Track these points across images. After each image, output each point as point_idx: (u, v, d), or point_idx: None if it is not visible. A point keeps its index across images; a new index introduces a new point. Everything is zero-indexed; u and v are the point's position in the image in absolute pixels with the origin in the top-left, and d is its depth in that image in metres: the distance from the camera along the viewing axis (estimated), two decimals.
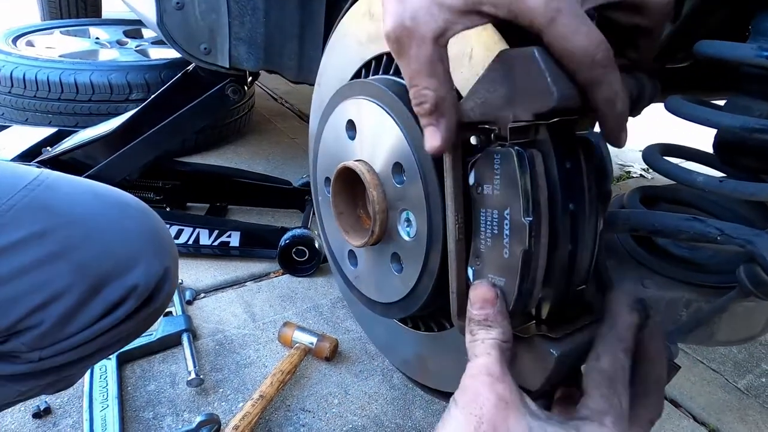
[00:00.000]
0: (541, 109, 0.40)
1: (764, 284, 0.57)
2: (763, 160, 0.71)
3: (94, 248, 0.61)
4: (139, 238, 0.65)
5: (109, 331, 0.63)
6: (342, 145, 0.64)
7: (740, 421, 1.20)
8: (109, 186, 0.69)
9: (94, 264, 0.61)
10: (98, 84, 1.86)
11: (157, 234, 0.68)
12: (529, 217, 0.44)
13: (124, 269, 0.62)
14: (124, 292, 0.62)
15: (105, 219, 0.64)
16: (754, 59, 0.62)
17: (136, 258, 0.64)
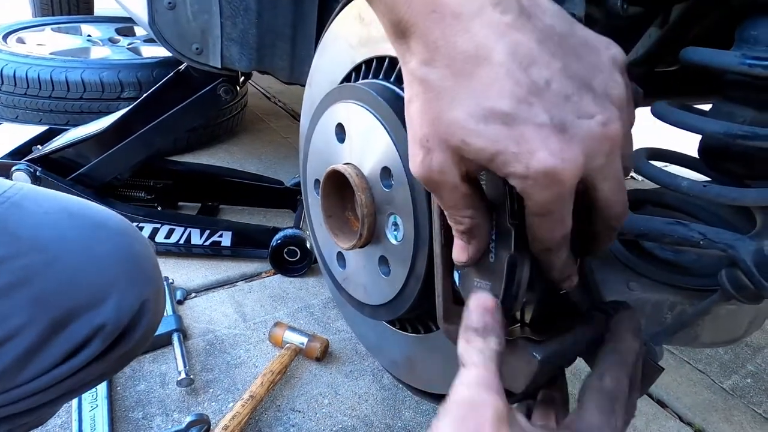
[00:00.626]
0: None
1: (745, 288, 0.58)
2: (746, 166, 0.72)
3: (57, 278, 0.53)
4: (113, 265, 0.57)
5: (71, 376, 0.55)
6: (331, 148, 0.64)
7: (725, 422, 1.22)
8: (87, 203, 0.61)
9: (56, 297, 0.53)
10: (89, 82, 1.85)
11: (135, 260, 0.59)
12: (515, 221, 0.44)
13: (92, 303, 0.54)
14: (91, 331, 0.54)
15: (74, 243, 0.56)
16: (737, 66, 0.63)
17: (106, 290, 0.55)
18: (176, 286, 1.40)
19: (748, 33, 0.66)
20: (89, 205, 0.61)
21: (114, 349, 0.57)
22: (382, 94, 0.55)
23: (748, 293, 0.58)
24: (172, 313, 1.26)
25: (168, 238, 1.49)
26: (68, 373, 0.54)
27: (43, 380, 0.53)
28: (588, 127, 0.33)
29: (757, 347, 1.47)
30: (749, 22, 0.66)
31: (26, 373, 0.52)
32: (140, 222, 1.46)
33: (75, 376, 0.55)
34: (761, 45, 0.64)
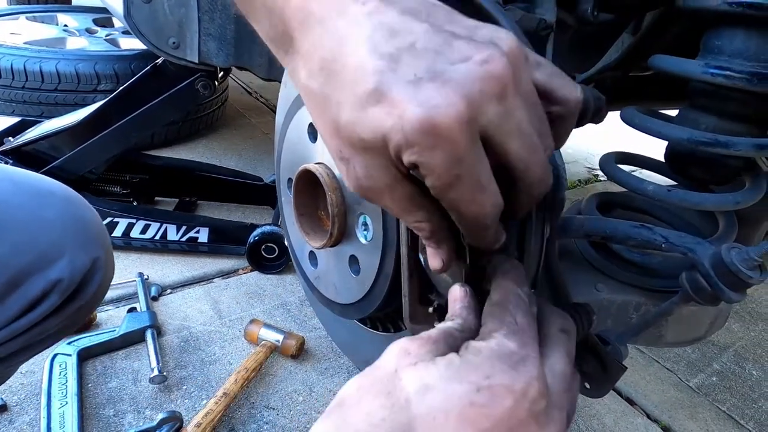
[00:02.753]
0: None
1: (703, 290, 0.60)
2: (709, 171, 0.74)
3: (10, 241, 0.56)
4: (62, 228, 0.60)
5: (30, 329, 0.58)
6: (304, 148, 0.64)
7: (691, 419, 1.25)
8: (30, 172, 0.64)
9: (9, 257, 0.56)
10: (65, 73, 1.81)
11: (83, 223, 0.63)
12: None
13: (45, 262, 0.57)
14: (46, 286, 0.57)
15: (23, 208, 0.59)
16: (701, 75, 0.65)
17: (58, 250, 0.58)
18: (151, 282, 1.39)
19: (712, 42, 0.68)
20: (31, 174, 0.64)
21: (70, 303, 0.61)
22: None
23: (706, 295, 0.60)
24: (145, 310, 1.25)
25: (143, 234, 1.47)
26: (27, 326, 0.57)
27: (3, 333, 0.56)
28: (465, 69, 0.29)
29: (723, 346, 1.51)
30: (713, 32, 0.68)
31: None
32: (115, 217, 1.44)
33: (34, 329, 0.59)
34: (724, 55, 0.67)
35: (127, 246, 1.48)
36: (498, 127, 0.30)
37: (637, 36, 0.96)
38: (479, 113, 0.29)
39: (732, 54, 0.66)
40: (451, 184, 0.30)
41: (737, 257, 0.57)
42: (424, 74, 0.28)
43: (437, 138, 0.28)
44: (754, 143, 0.66)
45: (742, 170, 0.77)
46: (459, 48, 0.29)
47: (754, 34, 0.63)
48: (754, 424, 1.26)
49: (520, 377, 0.30)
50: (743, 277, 0.56)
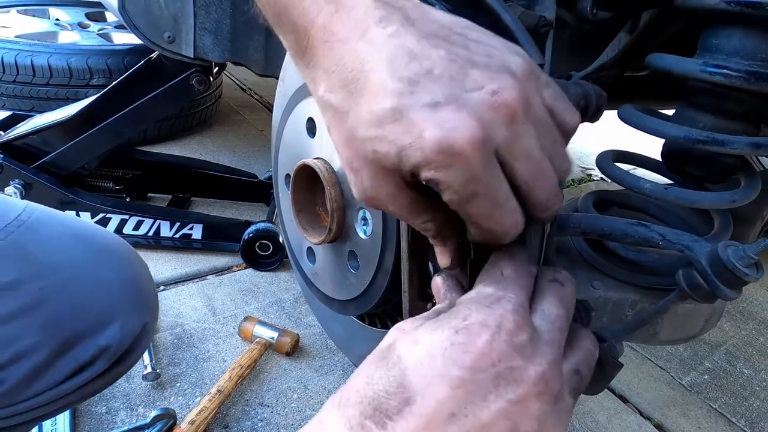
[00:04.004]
0: None
1: (700, 288, 0.60)
2: (705, 170, 0.75)
3: (68, 301, 0.57)
4: (118, 290, 0.61)
5: (73, 392, 0.58)
6: (302, 143, 0.64)
7: (683, 416, 1.26)
8: (94, 225, 0.65)
9: (66, 320, 0.56)
10: (57, 67, 1.79)
11: (138, 285, 0.64)
12: None
13: (99, 326, 0.58)
14: (96, 352, 0.58)
15: (84, 268, 0.59)
16: (698, 74, 0.66)
17: (112, 314, 0.59)
18: None
19: (710, 42, 0.69)
20: (96, 229, 0.65)
21: (115, 367, 0.61)
22: None
23: (702, 293, 0.60)
24: None
25: (136, 230, 1.46)
26: (71, 389, 0.58)
27: (48, 395, 0.56)
28: (477, 97, 0.31)
29: (714, 345, 1.53)
30: (711, 31, 0.68)
31: (33, 388, 0.55)
32: (107, 213, 1.43)
33: (76, 392, 0.59)
34: (722, 54, 0.67)
35: None
36: (507, 149, 0.32)
37: (634, 34, 0.96)
38: (492, 136, 0.31)
39: (730, 53, 0.66)
40: (468, 199, 0.33)
41: (734, 255, 0.57)
42: (441, 99, 0.31)
43: (454, 157, 0.30)
44: (750, 142, 0.66)
45: (738, 169, 0.77)
46: (473, 77, 0.32)
47: (751, 32, 0.64)
48: (745, 421, 1.27)
49: (494, 312, 0.32)
50: (740, 274, 0.56)
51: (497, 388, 0.30)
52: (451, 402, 0.29)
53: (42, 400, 0.57)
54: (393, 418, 0.30)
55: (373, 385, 0.31)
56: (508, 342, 0.31)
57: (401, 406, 0.30)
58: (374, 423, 0.30)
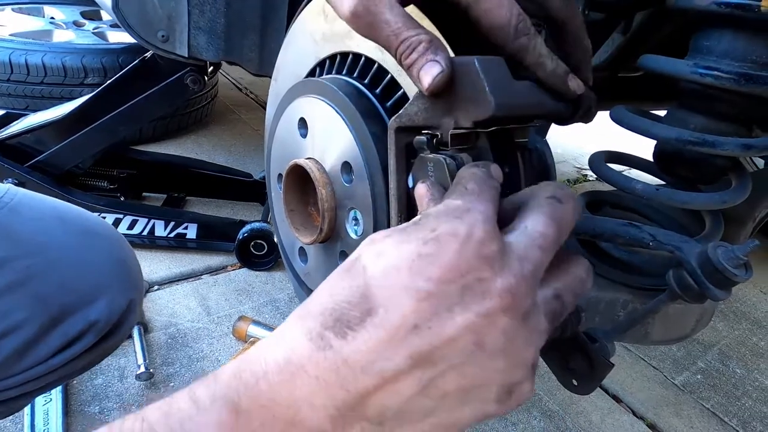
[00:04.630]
0: (480, 117, 0.41)
1: (690, 288, 0.60)
2: (696, 171, 0.75)
3: (55, 279, 0.58)
4: (104, 268, 0.63)
5: (63, 366, 0.60)
6: (294, 143, 0.64)
7: (675, 416, 1.27)
8: (77, 209, 0.67)
9: (54, 295, 0.58)
10: (51, 66, 1.78)
11: (124, 265, 0.66)
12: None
13: (86, 302, 0.60)
14: (84, 326, 0.60)
15: (69, 248, 0.61)
16: (690, 75, 0.66)
17: (99, 290, 0.61)
18: None
19: (701, 43, 0.69)
20: (79, 211, 0.66)
21: (104, 342, 0.63)
22: (344, 89, 0.55)
23: (692, 293, 0.61)
24: None
25: (131, 229, 1.46)
26: (61, 363, 0.59)
27: (39, 369, 0.58)
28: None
29: (707, 345, 1.53)
30: (702, 32, 0.68)
31: (24, 362, 0.57)
32: (101, 212, 1.43)
33: (67, 365, 0.60)
34: (713, 55, 0.67)
35: None
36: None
37: (627, 36, 0.96)
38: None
39: (720, 54, 0.66)
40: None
41: (723, 256, 0.57)
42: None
43: None
44: (740, 143, 0.67)
45: (729, 170, 0.78)
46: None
47: (742, 34, 0.64)
48: (738, 421, 1.28)
49: (463, 222, 0.30)
50: (729, 275, 0.57)
51: (463, 299, 0.29)
52: (414, 314, 0.28)
53: (32, 374, 0.58)
54: (354, 328, 0.29)
55: (335, 296, 0.30)
56: (477, 252, 0.29)
57: (363, 316, 0.29)
58: (334, 333, 0.29)
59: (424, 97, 0.45)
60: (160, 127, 2.05)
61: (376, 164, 0.52)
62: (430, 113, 0.45)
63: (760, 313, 1.71)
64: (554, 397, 1.24)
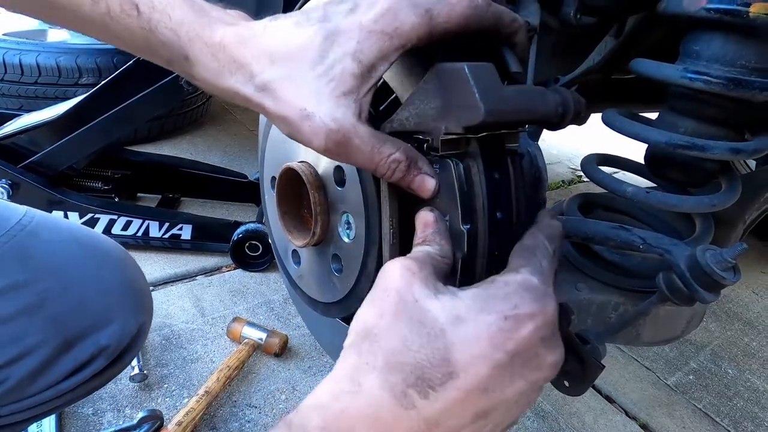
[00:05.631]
0: (470, 123, 0.42)
1: (679, 291, 0.61)
2: (686, 174, 0.75)
3: (70, 302, 0.59)
4: (117, 292, 0.63)
5: (71, 390, 0.60)
6: (287, 146, 0.64)
7: (668, 416, 1.28)
8: (90, 230, 0.67)
9: (69, 319, 0.58)
10: (45, 66, 1.78)
11: (135, 287, 0.66)
12: (467, 225, 0.46)
13: (99, 326, 0.60)
14: (96, 351, 0.60)
15: (85, 271, 0.61)
16: (679, 80, 0.67)
17: (112, 314, 0.61)
18: None
19: (691, 48, 0.69)
20: (94, 234, 0.67)
21: (113, 366, 0.63)
22: None
23: (681, 296, 0.61)
24: None
25: (125, 230, 1.46)
26: (70, 387, 0.60)
27: (48, 394, 0.58)
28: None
29: (700, 345, 1.54)
30: (692, 37, 0.69)
31: (36, 386, 0.57)
32: (95, 213, 1.42)
33: (75, 390, 0.61)
34: (702, 60, 0.68)
35: None
36: None
37: (619, 39, 0.97)
38: None
39: (710, 59, 0.67)
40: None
41: (712, 259, 0.58)
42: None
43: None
44: (730, 147, 0.67)
45: (719, 173, 0.79)
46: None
47: (731, 39, 0.65)
48: (729, 421, 1.29)
49: (543, 308, 0.35)
50: (717, 278, 0.57)
51: (523, 370, 0.34)
52: (488, 379, 0.33)
53: (41, 399, 0.58)
54: (436, 389, 0.32)
55: (414, 352, 0.33)
56: (544, 335, 0.35)
57: (444, 379, 0.32)
58: (417, 392, 0.32)
59: (415, 103, 0.45)
60: (155, 127, 2.05)
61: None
62: (421, 119, 0.45)
63: (752, 314, 1.73)
64: (547, 397, 1.25)
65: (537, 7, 0.69)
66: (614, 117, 0.76)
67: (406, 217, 0.50)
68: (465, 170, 0.45)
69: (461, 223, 0.45)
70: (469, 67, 0.41)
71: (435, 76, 0.44)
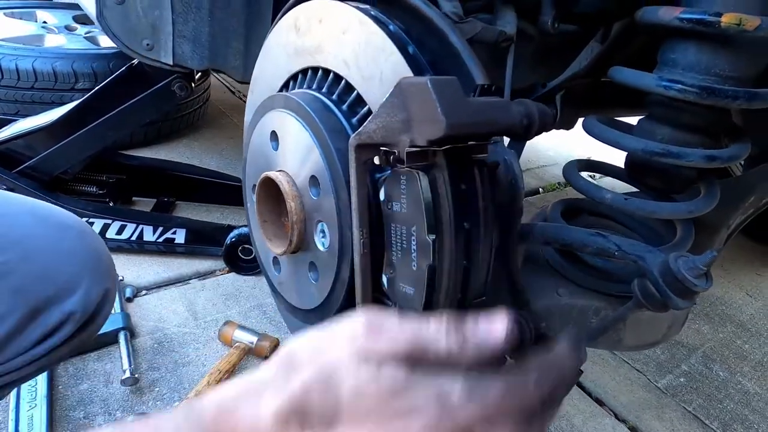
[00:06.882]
0: (433, 136, 0.43)
1: (653, 297, 0.62)
2: (664, 180, 0.76)
3: (32, 271, 0.60)
4: (79, 260, 0.64)
5: (44, 356, 0.62)
6: (267, 155, 0.65)
7: (657, 419, 1.28)
8: (47, 204, 0.68)
9: (33, 288, 0.60)
10: (42, 71, 1.79)
11: (97, 255, 0.67)
12: (433, 235, 0.47)
13: (63, 294, 0.61)
14: (63, 317, 0.61)
15: (43, 241, 0.63)
16: (655, 88, 0.67)
17: (76, 282, 0.63)
18: (126, 284, 1.38)
19: (667, 56, 0.70)
20: (49, 206, 0.68)
21: (82, 332, 0.65)
22: (312, 105, 0.56)
23: (655, 302, 0.62)
24: (119, 311, 1.24)
25: (119, 234, 1.47)
26: (43, 353, 0.62)
27: (21, 360, 0.60)
28: None
29: (692, 348, 1.55)
30: (668, 45, 0.70)
31: (6, 353, 0.59)
32: (90, 217, 1.44)
33: (47, 356, 0.62)
34: (678, 68, 0.69)
35: None
36: None
37: (605, 44, 0.98)
38: None
39: (686, 67, 0.68)
40: None
41: (684, 266, 0.59)
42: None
43: None
44: (705, 154, 0.68)
45: (699, 179, 0.79)
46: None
47: (705, 48, 0.65)
48: (719, 423, 1.29)
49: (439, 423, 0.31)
50: (689, 285, 0.58)
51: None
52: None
53: (14, 365, 0.60)
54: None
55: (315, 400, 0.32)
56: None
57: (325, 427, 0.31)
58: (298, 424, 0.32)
59: (382, 116, 0.46)
60: (152, 131, 2.06)
61: (341, 179, 0.53)
62: (387, 131, 0.46)
63: (745, 316, 1.73)
64: None
65: (513, 17, 0.70)
66: (593, 124, 0.77)
67: (375, 227, 0.51)
68: (431, 182, 0.46)
69: (426, 234, 0.46)
70: (432, 81, 0.42)
71: (399, 91, 0.45)
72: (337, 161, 0.53)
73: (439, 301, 0.49)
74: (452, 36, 0.49)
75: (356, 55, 0.53)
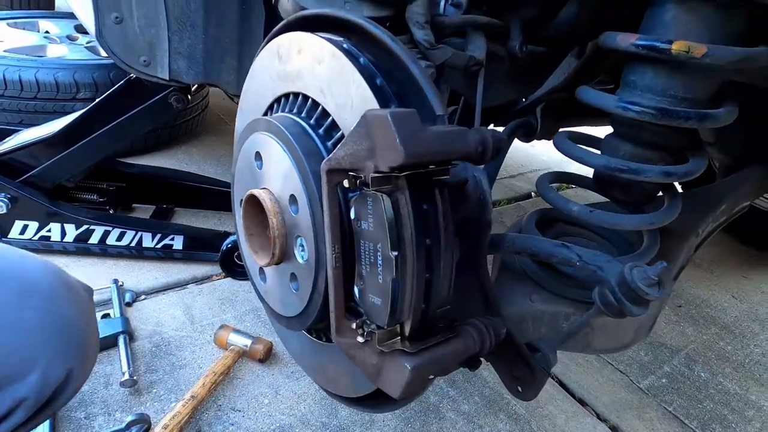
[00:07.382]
0: (394, 164, 0.48)
1: (610, 304, 0.66)
2: (628, 193, 0.81)
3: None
4: (41, 336, 0.56)
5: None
6: (253, 173, 0.70)
7: (638, 419, 1.33)
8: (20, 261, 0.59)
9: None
10: (44, 82, 1.85)
11: (64, 328, 0.58)
12: (396, 252, 0.52)
13: (16, 377, 0.54)
14: (12, 405, 0.54)
15: (4, 310, 0.55)
16: (615, 109, 0.72)
17: (32, 362, 0.55)
18: (125, 289, 1.43)
19: (628, 78, 0.75)
20: (21, 265, 0.59)
21: (37, 416, 0.58)
22: (291, 129, 0.61)
23: (613, 309, 0.67)
24: (119, 316, 1.30)
25: (119, 241, 1.52)
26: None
27: None
28: None
29: (675, 349, 1.59)
30: (629, 68, 0.75)
31: None
32: (91, 225, 1.49)
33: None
34: (638, 90, 0.73)
35: (104, 253, 1.53)
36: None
37: (580, 61, 1.02)
38: None
39: (644, 89, 0.72)
40: None
41: (637, 276, 0.63)
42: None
43: None
44: (662, 170, 0.72)
45: (664, 191, 0.84)
46: None
47: (660, 72, 0.70)
48: (698, 423, 1.34)
49: None
50: (642, 293, 0.63)
51: None
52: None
53: None
54: None
55: None
56: None
57: None
58: None
59: (350, 144, 0.51)
60: (151, 138, 2.11)
61: (316, 199, 0.58)
62: (354, 158, 0.51)
63: (729, 318, 1.77)
64: (520, 401, 1.30)
65: (483, 42, 0.75)
66: (562, 141, 0.81)
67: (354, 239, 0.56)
68: (393, 204, 0.51)
69: (390, 250, 0.51)
70: (392, 114, 0.47)
71: (365, 121, 0.50)
72: (313, 182, 0.58)
73: (403, 311, 0.54)
74: (414, 69, 0.54)
75: (330, 84, 0.58)
